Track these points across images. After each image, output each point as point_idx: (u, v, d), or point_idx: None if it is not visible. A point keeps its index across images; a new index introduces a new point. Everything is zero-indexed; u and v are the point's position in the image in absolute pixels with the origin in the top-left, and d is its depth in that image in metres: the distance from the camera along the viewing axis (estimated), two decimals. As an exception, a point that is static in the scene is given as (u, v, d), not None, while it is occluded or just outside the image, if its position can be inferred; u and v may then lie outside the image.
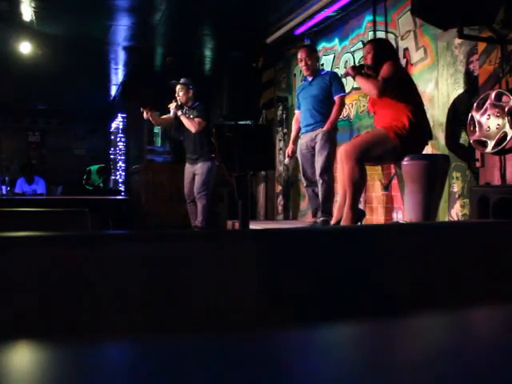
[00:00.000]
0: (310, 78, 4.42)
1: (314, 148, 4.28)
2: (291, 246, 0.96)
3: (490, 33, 3.35)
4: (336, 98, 4.26)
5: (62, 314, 0.78)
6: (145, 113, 5.15)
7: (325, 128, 4.21)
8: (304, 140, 4.39)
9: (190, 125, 5.06)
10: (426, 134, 3.42)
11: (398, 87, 3.28)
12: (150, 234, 0.95)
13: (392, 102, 3.28)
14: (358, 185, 3.30)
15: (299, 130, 4.52)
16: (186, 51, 6.94)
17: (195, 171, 5.17)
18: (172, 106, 5.17)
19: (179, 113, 5.12)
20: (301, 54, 4.42)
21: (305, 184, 4.48)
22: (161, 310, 0.83)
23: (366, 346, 0.38)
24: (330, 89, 4.28)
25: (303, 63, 4.38)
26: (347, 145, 3.39)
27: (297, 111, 4.63)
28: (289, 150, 4.63)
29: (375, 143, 3.27)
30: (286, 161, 4.80)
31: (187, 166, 5.27)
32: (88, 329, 0.78)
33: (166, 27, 6.06)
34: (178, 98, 5.20)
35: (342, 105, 4.34)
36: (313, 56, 4.42)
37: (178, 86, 5.22)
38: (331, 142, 4.21)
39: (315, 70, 4.42)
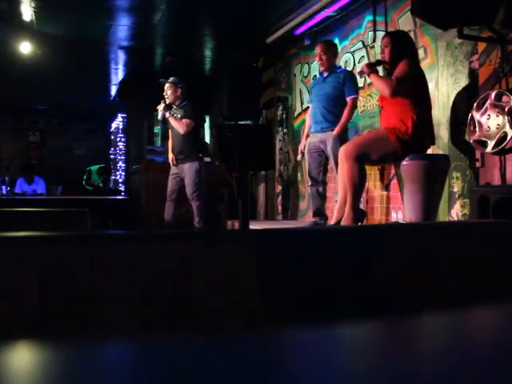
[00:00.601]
0: (325, 74, 4.31)
1: (322, 150, 4.22)
2: (291, 246, 0.96)
3: (490, 33, 3.35)
4: (348, 99, 4.16)
5: (62, 314, 0.78)
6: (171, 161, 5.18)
7: (335, 132, 4.11)
8: (313, 140, 4.30)
9: (178, 126, 5.03)
10: (428, 140, 3.35)
11: (411, 88, 3.22)
12: (150, 234, 0.95)
13: (401, 101, 3.23)
14: (358, 185, 3.29)
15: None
16: (186, 51, 6.94)
17: (182, 172, 5.14)
18: (160, 107, 5.13)
19: (167, 114, 5.08)
20: (316, 50, 4.32)
21: (309, 183, 4.40)
22: (161, 309, 0.83)
23: (367, 346, 0.38)
24: (342, 88, 4.18)
25: (318, 58, 4.28)
26: (347, 145, 3.38)
27: (310, 105, 4.53)
28: (301, 146, 4.51)
29: (376, 145, 3.25)
30: (299, 157, 4.73)
31: (173, 167, 5.25)
32: (88, 329, 0.78)
33: (166, 27, 6.06)
34: (165, 97, 5.16)
35: (354, 107, 4.24)
36: (329, 51, 4.29)
37: (167, 85, 5.18)
38: (343, 143, 4.14)
39: (331, 66, 4.30)
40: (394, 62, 3.30)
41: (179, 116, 5.07)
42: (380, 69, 3.60)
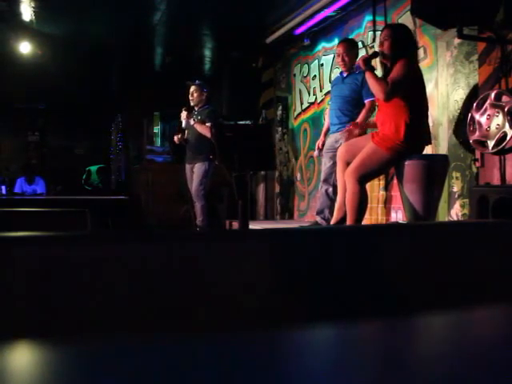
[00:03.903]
0: (344, 74, 4.21)
1: (336, 150, 4.20)
2: (291, 246, 0.96)
3: (490, 33, 3.36)
4: (366, 101, 4.08)
5: (62, 314, 0.78)
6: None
7: None
8: (329, 140, 4.30)
9: (205, 131, 5.08)
10: (424, 141, 3.27)
11: (406, 90, 3.14)
12: (150, 234, 0.95)
13: (395, 103, 3.13)
14: (359, 207, 3.24)
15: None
16: (186, 51, 6.95)
17: (193, 171, 5.21)
18: (183, 115, 5.17)
19: (191, 122, 5.14)
20: (338, 49, 4.20)
21: (321, 182, 4.41)
22: (161, 309, 0.83)
23: (366, 346, 0.38)
24: (360, 90, 4.09)
25: (340, 58, 4.15)
26: (348, 169, 3.32)
27: (329, 104, 4.50)
28: (319, 142, 4.48)
29: (371, 161, 3.21)
30: (315, 153, 4.72)
31: (186, 167, 5.31)
32: (88, 329, 0.78)
33: (165, 27, 6.06)
34: (190, 99, 5.20)
35: (372, 109, 4.12)
36: (352, 52, 4.17)
37: (193, 87, 5.20)
38: None
39: (352, 66, 4.18)
40: (392, 58, 3.19)
41: (200, 118, 5.13)
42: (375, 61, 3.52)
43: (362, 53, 5.16)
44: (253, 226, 4.93)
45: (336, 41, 5.60)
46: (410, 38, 3.32)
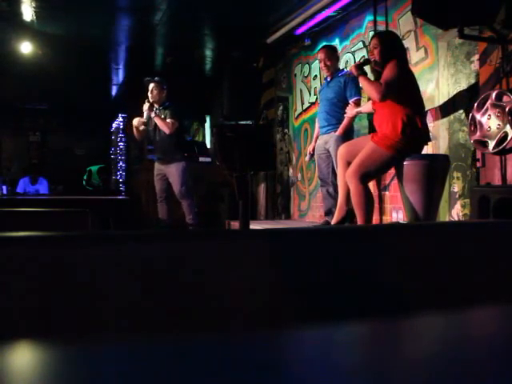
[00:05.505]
0: (328, 79, 4.39)
1: (328, 150, 4.29)
2: (291, 245, 0.96)
3: (491, 33, 3.36)
4: (351, 101, 4.19)
5: (62, 314, 0.78)
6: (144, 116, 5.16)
7: (337, 132, 4.20)
8: (320, 142, 4.42)
9: (165, 126, 5.03)
10: (423, 139, 3.33)
11: (399, 89, 3.22)
12: (150, 234, 0.95)
13: (390, 104, 3.23)
14: (366, 205, 3.28)
15: None
16: (186, 51, 6.95)
17: (168, 172, 5.15)
18: (145, 107, 5.13)
19: (153, 114, 5.09)
20: (320, 55, 4.38)
21: (320, 184, 4.51)
22: (161, 310, 0.83)
23: (366, 347, 0.38)
24: (344, 91, 4.22)
25: (322, 64, 4.35)
26: (349, 170, 3.35)
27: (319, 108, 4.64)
28: (310, 147, 4.63)
29: (371, 160, 3.25)
30: (307, 158, 4.81)
31: (158, 167, 5.25)
32: (88, 329, 0.78)
33: (166, 27, 6.06)
34: (150, 96, 5.16)
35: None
36: (333, 57, 4.37)
37: (152, 84, 5.16)
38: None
39: (335, 70, 4.38)
40: (383, 63, 3.30)
41: (162, 116, 5.10)
42: (367, 68, 3.60)
43: (362, 52, 5.16)
44: (253, 226, 4.94)
45: (337, 41, 5.61)
46: (397, 41, 3.49)
